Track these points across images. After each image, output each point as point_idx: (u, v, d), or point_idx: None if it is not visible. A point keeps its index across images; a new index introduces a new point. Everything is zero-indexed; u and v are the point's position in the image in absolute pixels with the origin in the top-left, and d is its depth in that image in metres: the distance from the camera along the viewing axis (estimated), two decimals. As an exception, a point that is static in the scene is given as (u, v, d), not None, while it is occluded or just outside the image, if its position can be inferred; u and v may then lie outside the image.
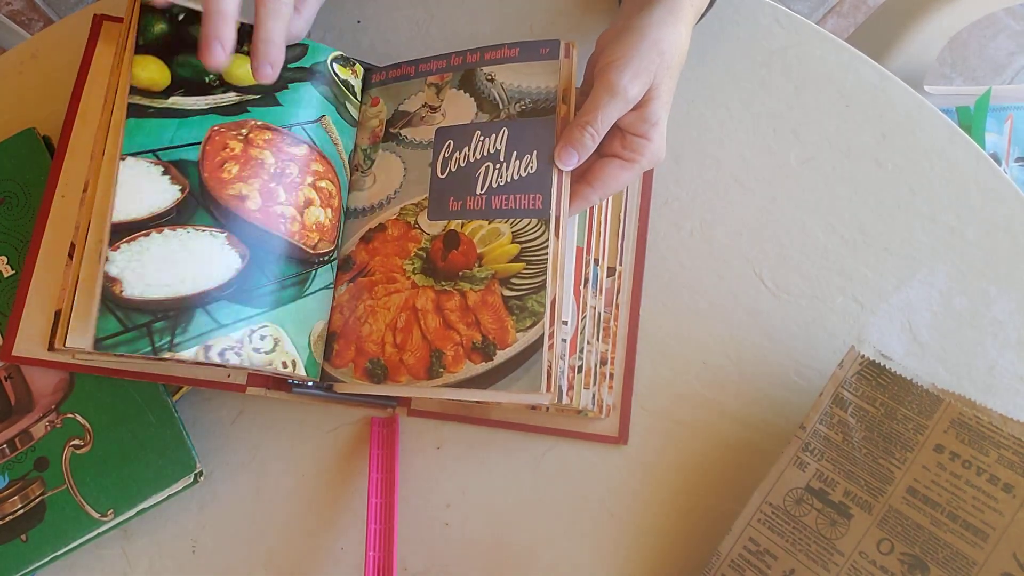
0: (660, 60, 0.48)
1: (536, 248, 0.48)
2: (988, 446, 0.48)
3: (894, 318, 0.57)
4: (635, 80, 0.47)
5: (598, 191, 0.49)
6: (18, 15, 1.38)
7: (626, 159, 0.48)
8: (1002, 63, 1.41)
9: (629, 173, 0.49)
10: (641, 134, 0.48)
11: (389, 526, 0.52)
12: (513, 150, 0.50)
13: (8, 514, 0.52)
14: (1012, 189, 0.59)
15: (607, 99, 0.47)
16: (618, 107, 0.47)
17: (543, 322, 0.47)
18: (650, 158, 0.49)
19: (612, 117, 0.47)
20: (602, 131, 0.48)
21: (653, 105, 0.48)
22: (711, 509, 0.55)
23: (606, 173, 0.48)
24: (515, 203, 0.49)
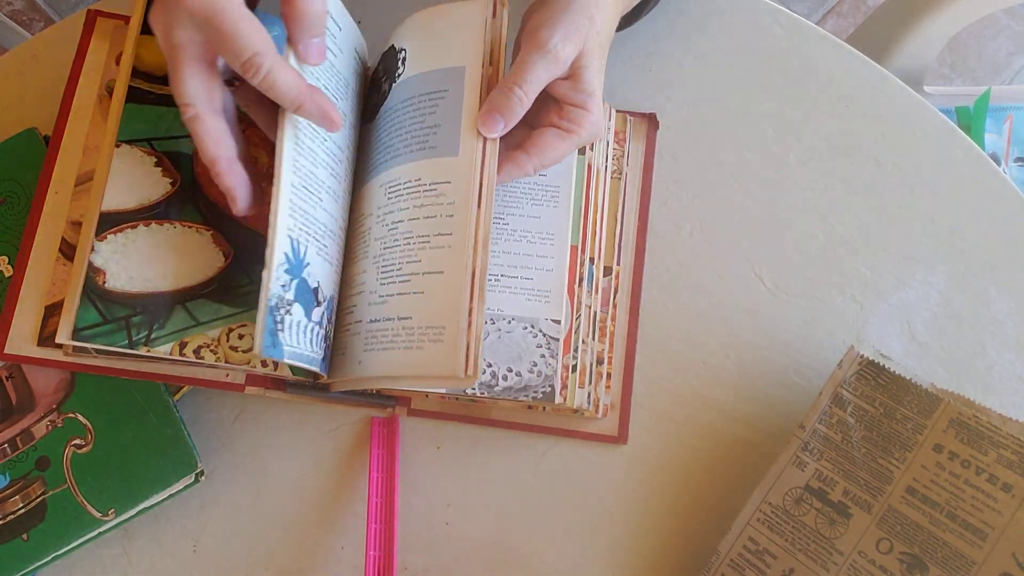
0: (591, 25, 0.45)
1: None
2: (987, 446, 0.48)
3: (893, 318, 0.57)
4: (566, 41, 0.45)
5: (534, 159, 0.46)
6: (19, 15, 1.38)
7: (564, 129, 0.46)
8: (1001, 63, 1.41)
9: (567, 144, 0.47)
10: (579, 104, 0.46)
11: (389, 526, 0.52)
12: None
13: (9, 513, 0.52)
14: (1011, 189, 0.59)
15: (536, 57, 0.44)
16: (548, 67, 0.45)
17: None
18: (589, 129, 0.47)
19: (542, 78, 0.45)
20: (530, 93, 0.45)
21: (586, 74, 0.46)
22: (711, 509, 0.55)
23: (543, 142, 0.46)
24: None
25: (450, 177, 0.47)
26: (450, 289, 0.45)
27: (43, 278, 0.53)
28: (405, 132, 0.49)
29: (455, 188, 0.47)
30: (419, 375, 0.45)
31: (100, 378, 0.53)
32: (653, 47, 0.62)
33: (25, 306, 0.53)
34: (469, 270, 0.45)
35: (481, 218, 0.46)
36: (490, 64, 0.48)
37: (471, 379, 0.44)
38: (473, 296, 0.45)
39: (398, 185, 0.49)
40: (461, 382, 0.44)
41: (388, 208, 0.49)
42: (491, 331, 0.51)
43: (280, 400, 0.56)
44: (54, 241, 0.53)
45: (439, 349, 0.45)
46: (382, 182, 0.50)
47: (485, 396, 0.51)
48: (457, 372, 0.44)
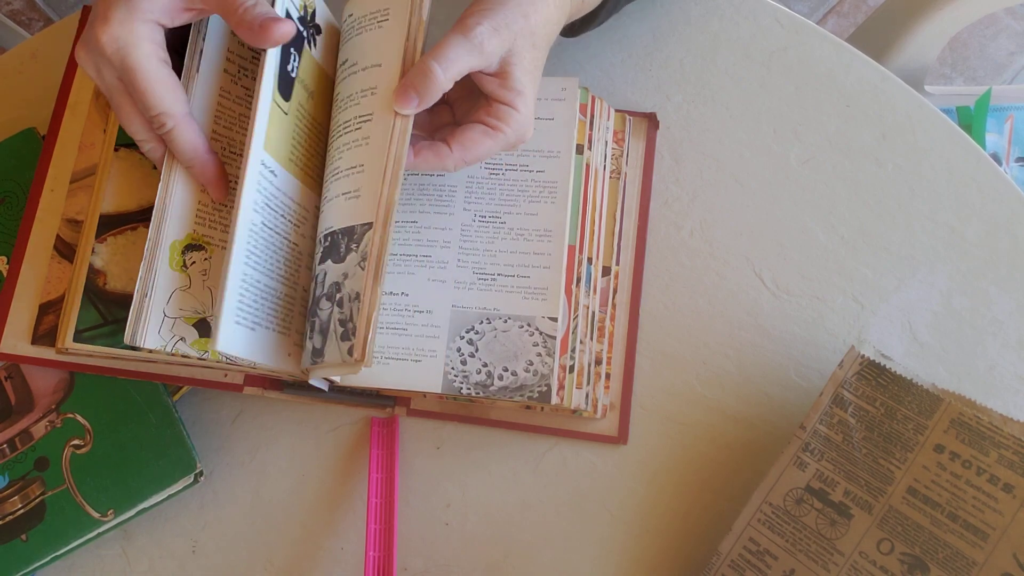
0: (524, 23, 0.45)
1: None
2: (988, 446, 0.48)
3: (894, 318, 0.57)
4: (493, 34, 0.44)
5: (456, 153, 0.46)
6: (18, 15, 1.38)
7: (491, 127, 0.46)
8: (1002, 63, 1.41)
9: (493, 142, 0.46)
10: (506, 101, 0.45)
11: (389, 526, 0.52)
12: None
13: (8, 514, 0.52)
14: (1012, 189, 0.59)
15: (459, 40, 0.43)
16: (471, 53, 0.44)
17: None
18: (516, 129, 0.46)
19: (463, 62, 0.44)
20: (448, 72, 0.44)
21: (515, 71, 0.45)
22: (711, 509, 0.55)
23: (468, 136, 0.46)
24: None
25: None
26: None
27: (38, 276, 0.53)
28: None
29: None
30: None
31: (99, 378, 0.53)
32: (653, 47, 0.62)
33: (19, 304, 0.53)
34: (375, 252, 0.45)
35: (384, 194, 0.45)
36: (408, 39, 0.47)
37: (358, 364, 0.44)
38: (368, 277, 0.44)
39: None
40: (350, 367, 0.44)
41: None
42: (487, 330, 0.51)
43: (279, 400, 0.55)
44: (49, 239, 0.53)
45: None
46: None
47: (480, 396, 0.51)
48: (349, 358, 0.44)
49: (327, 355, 0.46)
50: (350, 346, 0.44)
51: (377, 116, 0.47)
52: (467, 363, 0.51)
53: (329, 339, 0.46)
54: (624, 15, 0.62)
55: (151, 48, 0.43)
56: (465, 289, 0.52)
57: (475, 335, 0.51)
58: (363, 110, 0.48)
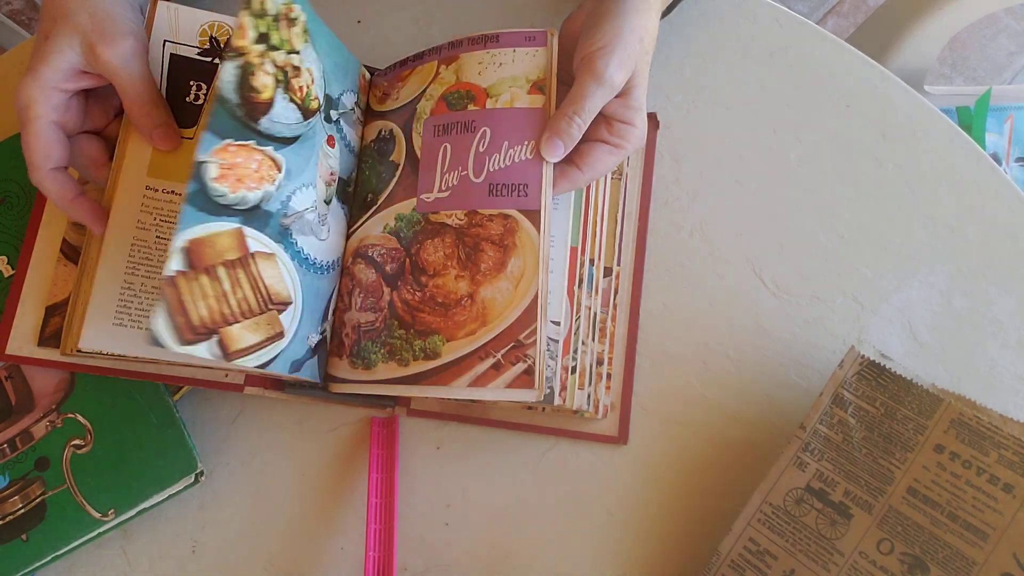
0: (640, 47, 0.48)
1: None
2: (988, 446, 0.48)
3: (894, 318, 0.57)
4: (620, 69, 0.47)
5: (587, 174, 0.49)
6: (18, 15, 1.38)
7: (613, 144, 0.49)
8: (1002, 63, 1.41)
9: (615, 157, 0.49)
10: (627, 120, 0.49)
11: (389, 526, 0.52)
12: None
13: (9, 514, 0.52)
14: (1012, 189, 0.59)
15: (594, 88, 0.47)
16: (604, 96, 0.48)
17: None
18: (635, 143, 0.49)
19: (598, 106, 0.48)
20: (588, 120, 0.48)
21: (636, 92, 0.49)
22: (711, 509, 0.55)
23: (594, 157, 0.49)
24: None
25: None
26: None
27: (44, 279, 0.53)
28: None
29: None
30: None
31: (99, 378, 0.53)
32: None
33: (26, 307, 0.53)
34: (539, 290, 0.47)
35: (545, 240, 0.48)
36: (542, 91, 0.50)
37: (537, 393, 0.46)
38: (539, 316, 0.47)
39: None
40: (528, 395, 0.47)
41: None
42: None
43: (279, 400, 0.55)
44: (55, 242, 0.54)
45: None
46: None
47: (484, 397, 0.51)
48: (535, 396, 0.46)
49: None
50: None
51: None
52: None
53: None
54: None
55: (43, 110, 0.47)
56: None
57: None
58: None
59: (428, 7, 0.63)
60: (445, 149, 0.51)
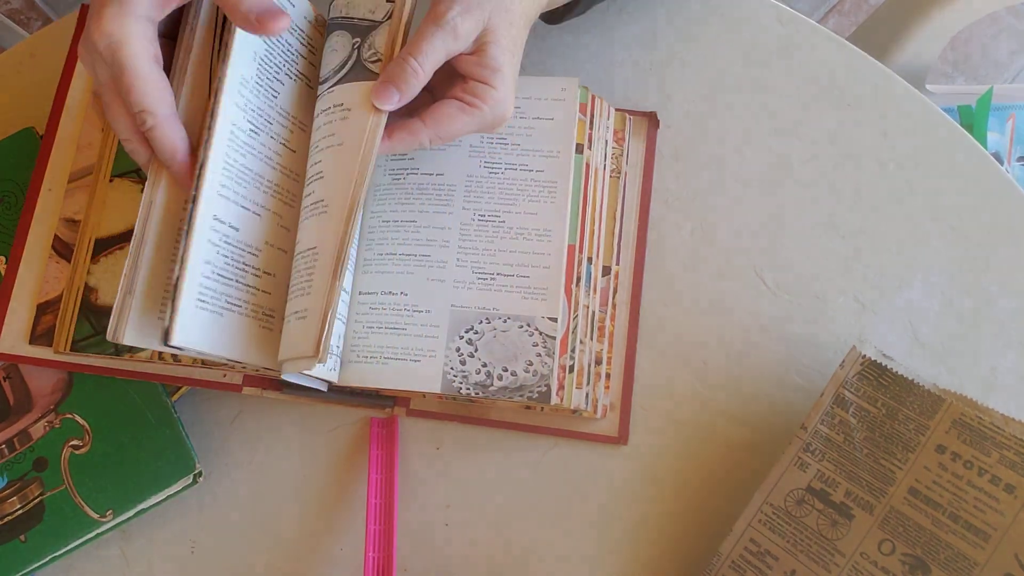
0: (497, 2, 0.44)
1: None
2: (990, 446, 0.48)
3: (895, 318, 0.57)
4: (466, 15, 0.44)
5: (430, 128, 0.46)
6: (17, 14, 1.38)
7: (466, 102, 0.45)
8: (1004, 62, 1.40)
9: (468, 117, 0.46)
10: (482, 79, 0.45)
11: (389, 526, 0.52)
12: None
13: (7, 515, 0.52)
14: (1014, 188, 0.59)
15: (433, 29, 0.43)
16: (445, 41, 0.44)
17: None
18: (493, 107, 0.46)
19: (439, 52, 0.44)
20: (426, 65, 0.44)
21: (491, 49, 0.45)
22: (711, 509, 0.54)
23: (442, 112, 0.45)
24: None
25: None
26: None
27: (36, 276, 0.53)
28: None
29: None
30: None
31: (98, 379, 0.53)
32: (653, 46, 0.62)
33: (17, 304, 0.53)
34: (336, 245, 0.45)
35: (351, 192, 0.45)
36: (392, 44, 0.47)
37: (314, 359, 0.44)
38: (335, 272, 0.45)
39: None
40: (309, 362, 0.45)
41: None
42: (486, 330, 0.51)
43: (278, 400, 0.55)
44: (47, 239, 0.53)
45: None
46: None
47: (480, 396, 0.51)
48: (306, 351, 0.44)
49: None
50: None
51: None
52: (466, 363, 0.51)
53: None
54: (624, 14, 0.62)
55: (141, 45, 0.42)
56: (464, 289, 0.52)
57: (474, 335, 0.51)
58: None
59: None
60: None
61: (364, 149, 0.46)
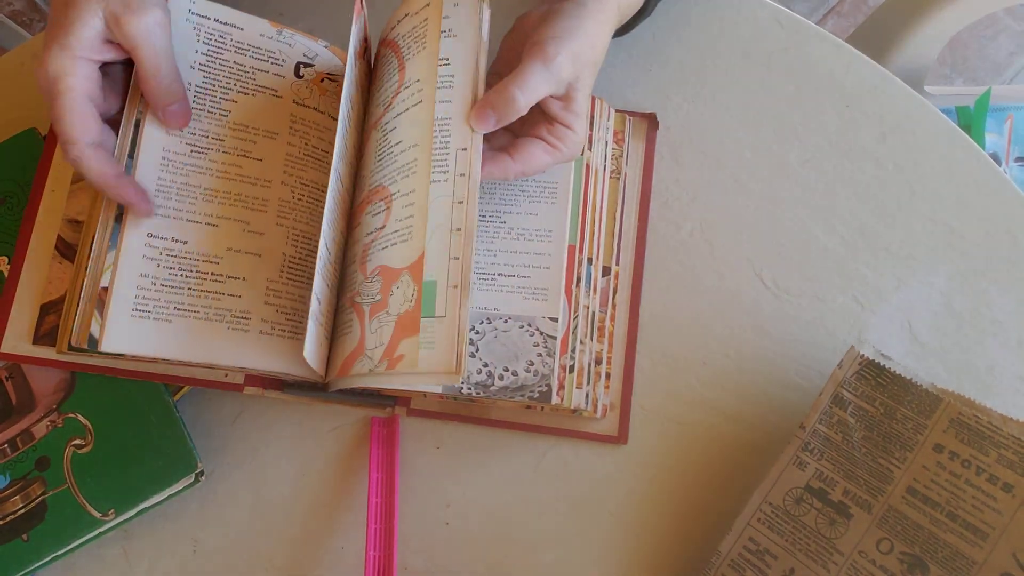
0: (591, 54, 0.47)
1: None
2: (988, 446, 0.48)
3: (894, 318, 0.57)
4: (570, 62, 0.46)
5: (517, 165, 0.48)
6: (19, 15, 1.39)
7: (551, 144, 0.48)
8: (1002, 63, 1.41)
9: (550, 158, 0.48)
10: (567, 124, 0.48)
11: (389, 526, 0.52)
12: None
13: (9, 514, 0.52)
14: (1012, 189, 0.59)
15: (540, 68, 0.45)
16: (547, 81, 0.46)
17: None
18: (572, 149, 0.49)
19: (540, 90, 0.46)
20: (527, 99, 0.45)
21: (578, 96, 0.47)
22: (711, 509, 0.55)
23: (528, 152, 0.48)
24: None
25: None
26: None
27: (39, 276, 0.53)
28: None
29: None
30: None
31: (100, 378, 0.53)
32: (653, 47, 0.62)
33: (21, 304, 0.53)
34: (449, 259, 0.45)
35: (467, 212, 0.45)
36: (476, 65, 0.48)
37: (457, 376, 0.44)
38: (461, 294, 0.44)
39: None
40: (451, 377, 0.44)
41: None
42: (487, 330, 0.51)
43: (279, 400, 0.56)
44: (50, 239, 0.53)
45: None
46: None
47: (481, 396, 0.51)
48: (448, 368, 0.44)
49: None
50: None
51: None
52: (467, 363, 0.51)
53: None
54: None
55: (74, 81, 0.45)
56: (465, 289, 0.52)
57: (475, 335, 0.52)
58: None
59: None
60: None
61: (473, 165, 0.46)
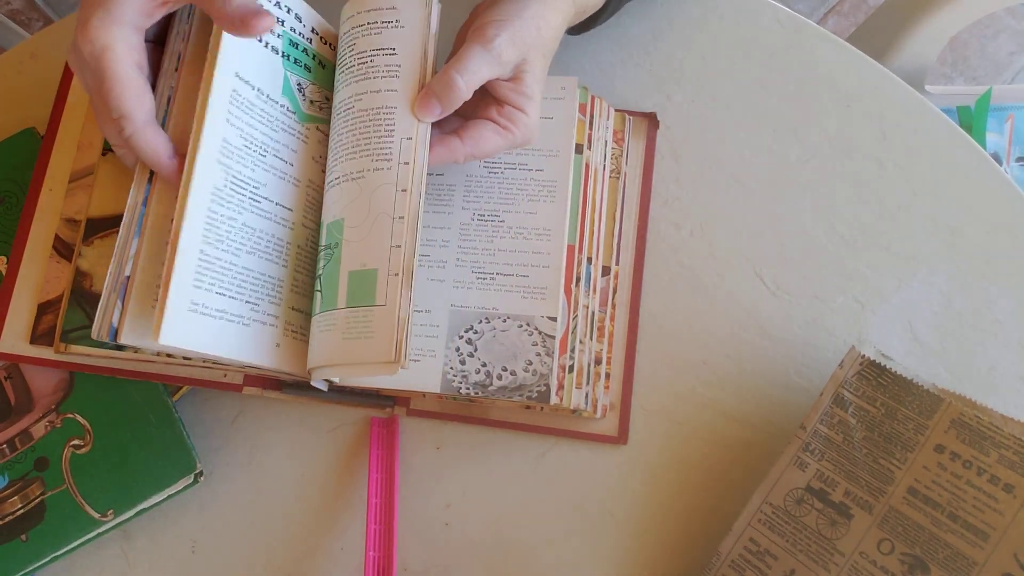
0: (537, 35, 0.47)
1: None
2: (989, 446, 0.48)
3: (895, 318, 0.57)
4: (511, 44, 0.46)
5: (467, 147, 0.47)
6: (18, 15, 1.38)
7: (501, 126, 0.48)
8: (1003, 63, 1.40)
9: (502, 140, 0.48)
10: (517, 105, 0.47)
11: (389, 526, 0.52)
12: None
13: (8, 514, 0.52)
14: (1013, 189, 0.59)
15: (479, 51, 0.45)
16: (489, 64, 0.46)
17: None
18: (523, 132, 0.48)
19: (482, 73, 0.46)
20: (470, 83, 0.46)
21: (527, 78, 0.47)
22: (711, 509, 0.55)
23: (479, 133, 0.47)
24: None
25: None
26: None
27: (36, 276, 0.53)
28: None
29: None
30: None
31: (99, 378, 0.53)
32: (653, 47, 0.62)
33: (18, 304, 0.53)
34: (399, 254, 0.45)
35: (410, 200, 0.46)
36: (424, 55, 0.48)
37: (396, 365, 0.44)
38: (402, 282, 0.45)
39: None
40: (389, 367, 0.44)
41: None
42: (486, 330, 0.51)
43: (279, 400, 0.55)
44: (48, 238, 0.53)
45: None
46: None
47: (480, 396, 0.51)
48: (386, 358, 0.44)
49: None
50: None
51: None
52: (466, 363, 0.51)
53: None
54: (624, 14, 0.62)
55: (124, 52, 0.43)
56: (464, 288, 0.52)
57: (474, 335, 0.51)
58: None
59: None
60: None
61: (419, 155, 0.46)
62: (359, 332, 0.45)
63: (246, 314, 0.47)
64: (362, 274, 0.46)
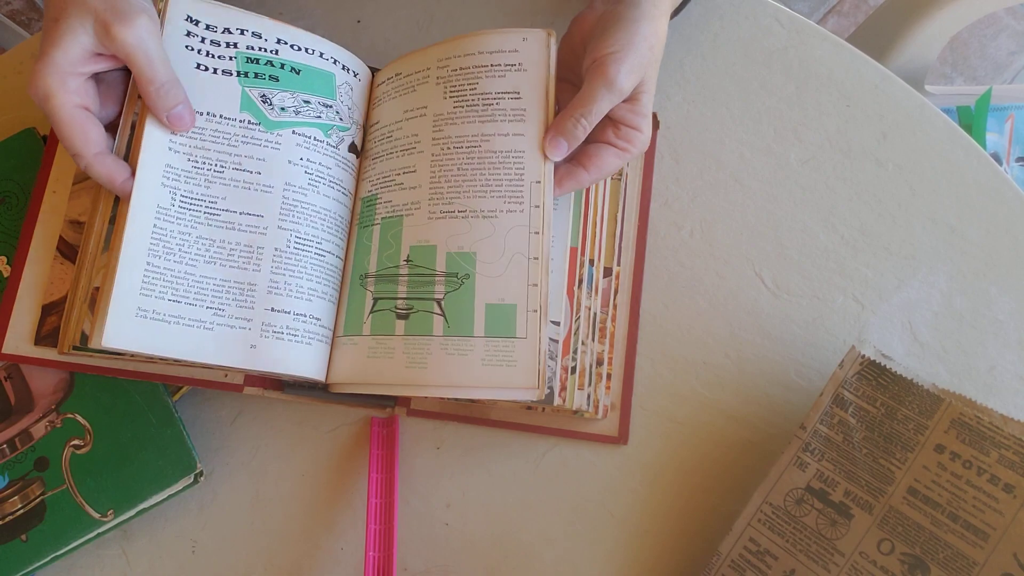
0: (651, 55, 0.49)
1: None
2: (989, 446, 0.48)
3: (895, 318, 0.57)
4: (630, 74, 0.48)
5: (592, 174, 0.50)
6: (18, 15, 1.38)
7: (620, 148, 0.50)
8: (1003, 63, 1.41)
9: (620, 160, 0.50)
10: (634, 126, 0.49)
11: (389, 526, 0.52)
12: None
13: (8, 514, 0.52)
14: (1013, 189, 0.59)
15: (604, 92, 0.48)
16: (612, 101, 0.48)
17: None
18: (640, 147, 0.50)
19: (605, 110, 0.48)
20: (594, 123, 0.49)
21: (644, 98, 0.49)
22: (711, 509, 0.55)
23: (600, 159, 0.50)
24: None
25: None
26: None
27: (40, 277, 0.53)
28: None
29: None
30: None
31: (99, 378, 0.53)
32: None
33: (22, 305, 0.53)
34: (542, 289, 0.48)
35: (543, 242, 0.49)
36: (547, 98, 0.51)
37: (538, 392, 0.47)
38: (540, 319, 0.48)
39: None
40: (528, 394, 0.47)
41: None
42: None
43: (279, 400, 0.55)
44: (52, 240, 0.53)
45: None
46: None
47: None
48: (530, 384, 0.47)
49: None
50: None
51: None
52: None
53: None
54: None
55: (64, 97, 0.46)
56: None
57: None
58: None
59: (428, 7, 0.63)
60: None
61: (547, 191, 0.49)
62: (501, 360, 0.48)
63: (208, 319, 0.49)
64: (501, 308, 0.49)
